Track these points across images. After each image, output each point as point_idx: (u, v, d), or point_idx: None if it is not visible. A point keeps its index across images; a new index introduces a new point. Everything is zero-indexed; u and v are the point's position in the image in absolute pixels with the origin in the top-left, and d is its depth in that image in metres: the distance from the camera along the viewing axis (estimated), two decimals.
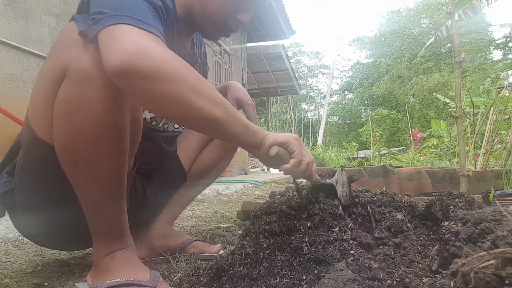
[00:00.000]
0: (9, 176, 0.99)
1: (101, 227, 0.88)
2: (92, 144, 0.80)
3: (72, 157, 0.81)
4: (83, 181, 0.84)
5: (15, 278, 1.07)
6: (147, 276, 0.86)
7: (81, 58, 0.77)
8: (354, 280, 0.72)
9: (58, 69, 0.81)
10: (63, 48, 0.83)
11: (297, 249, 0.86)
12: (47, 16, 3.51)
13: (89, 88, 0.77)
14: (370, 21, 77.51)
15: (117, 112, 0.81)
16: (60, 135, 0.81)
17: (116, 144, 0.83)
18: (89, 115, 0.78)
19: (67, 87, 0.78)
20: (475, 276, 0.59)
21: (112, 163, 0.84)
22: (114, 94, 0.79)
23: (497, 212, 0.90)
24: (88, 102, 0.77)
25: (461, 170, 2.13)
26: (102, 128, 0.79)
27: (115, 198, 0.87)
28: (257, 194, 3.88)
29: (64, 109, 0.79)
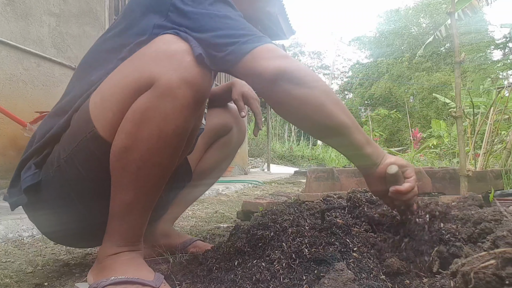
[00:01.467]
0: (36, 167, 0.98)
1: (120, 229, 0.91)
2: (151, 155, 0.84)
3: (125, 160, 0.85)
4: (125, 184, 0.87)
5: (15, 278, 1.07)
6: (151, 277, 0.87)
7: (171, 75, 0.81)
8: (354, 280, 0.72)
9: (144, 78, 0.83)
10: (153, 60, 0.84)
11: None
12: (47, 16, 3.51)
13: (170, 104, 0.82)
14: (370, 21, 77.64)
15: (184, 132, 0.87)
16: (124, 137, 0.84)
17: (170, 159, 0.88)
18: (160, 129, 0.83)
19: (150, 97, 0.82)
20: (475, 276, 0.59)
21: (158, 175, 0.89)
22: (188, 116, 0.85)
23: (497, 212, 0.90)
24: (164, 117, 0.82)
25: (461, 170, 2.13)
26: (166, 143, 0.84)
27: (145, 206, 0.91)
28: (257, 194, 3.88)
29: (138, 116, 0.83)
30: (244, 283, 0.81)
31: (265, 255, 0.87)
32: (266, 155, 12.29)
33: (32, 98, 3.34)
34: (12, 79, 3.15)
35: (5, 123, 2.99)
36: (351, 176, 2.69)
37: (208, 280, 0.87)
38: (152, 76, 0.82)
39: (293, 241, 0.88)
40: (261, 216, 1.12)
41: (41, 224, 1.07)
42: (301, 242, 0.88)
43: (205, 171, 1.37)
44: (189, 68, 0.82)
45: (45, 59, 3.47)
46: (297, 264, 0.82)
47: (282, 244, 0.88)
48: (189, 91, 0.81)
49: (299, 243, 0.87)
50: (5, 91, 3.08)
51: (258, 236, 0.93)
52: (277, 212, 1.11)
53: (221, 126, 1.36)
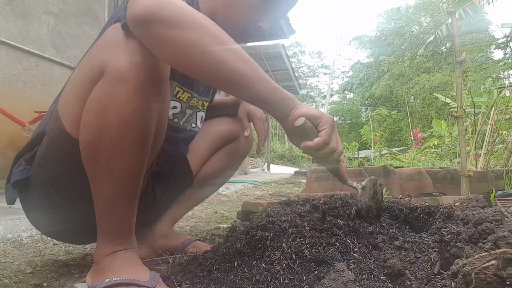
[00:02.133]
0: (27, 163, 1.00)
1: (108, 226, 0.90)
2: (115, 143, 0.82)
3: (93, 153, 0.83)
4: (100, 178, 0.85)
5: (14, 279, 1.07)
6: (146, 277, 0.87)
7: (119, 60, 0.79)
8: (355, 281, 0.72)
9: (96, 67, 0.83)
10: (103, 48, 0.84)
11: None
12: (46, 16, 3.51)
13: (123, 89, 0.79)
14: (370, 20, 77.70)
15: (145, 115, 0.83)
16: (86, 130, 0.83)
17: (138, 146, 0.85)
18: (118, 115, 0.80)
19: (102, 85, 0.81)
20: (476, 277, 0.59)
21: (132, 164, 0.85)
22: (145, 97, 0.81)
23: (498, 213, 0.89)
24: (119, 102, 0.80)
25: (462, 170, 2.12)
26: (127, 128, 0.81)
27: (128, 199, 0.89)
28: (257, 195, 3.88)
29: (95, 106, 0.81)
30: (244, 284, 0.80)
31: (265, 255, 0.87)
32: (266, 155, 12.30)
33: (31, 98, 3.34)
34: (11, 78, 3.15)
35: (4, 123, 2.99)
36: (352, 176, 2.69)
37: (208, 281, 0.87)
38: (102, 63, 0.81)
39: (293, 242, 0.88)
40: (260, 217, 1.11)
41: (33, 219, 1.09)
42: (301, 242, 0.87)
43: (209, 177, 1.37)
44: (137, 50, 0.79)
45: (44, 58, 3.47)
46: (297, 265, 0.82)
47: (282, 244, 0.88)
48: (141, 73, 0.79)
49: (299, 243, 0.87)
50: (4, 91, 3.08)
51: (257, 237, 0.92)
52: (275, 213, 1.11)
53: (228, 132, 1.36)
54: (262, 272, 0.81)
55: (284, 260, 0.83)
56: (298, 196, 2.20)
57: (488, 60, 21.87)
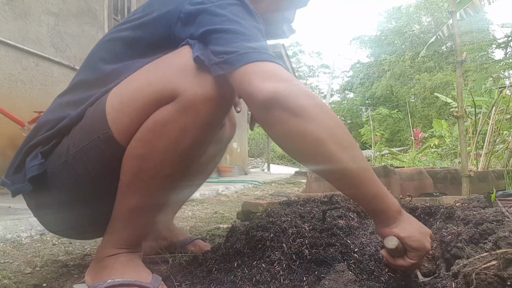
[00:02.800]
0: (42, 157, 0.96)
1: (122, 232, 0.91)
2: (163, 166, 0.84)
3: (138, 168, 0.85)
4: (133, 190, 0.87)
5: (14, 279, 1.07)
6: (149, 278, 0.87)
7: (196, 91, 0.80)
8: (355, 281, 0.72)
9: (168, 90, 0.82)
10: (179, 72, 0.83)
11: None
12: (46, 16, 3.51)
13: (192, 120, 0.81)
14: (371, 19, 77.64)
15: (201, 148, 0.87)
16: (141, 145, 0.84)
17: (182, 172, 0.88)
18: (178, 142, 0.82)
19: (171, 110, 0.81)
20: (476, 277, 0.59)
21: (168, 185, 0.88)
22: (208, 132, 0.85)
23: (499, 213, 0.89)
24: (184, 131, 0.82)
25: (462, 170, 2.12)
26: (181, 157, 0.84)
27: (150, 214, 0.91)
28: (257, 195, 3.87)
29: (159, 127, 0.82)
30: (244, 284, 0.80)
31: (265, 256, 0.86)
32: (266, 155, 12.30)
33: (31, 97, 3.33)
34: (10, 78, 3.15)
35: (4, 123, 2.99)
36: None
37: (208, 281, 0.87)
38: (177, 89, 0.81)
39: (293, 242, 0.88)
40: (260, 217, 1.11)
41: (39, 213, 1.06)
42: (301, 243, 0.87)
43: (199, 167, 1.35)
44: (214, 84, 0.80)
45: (44, 58, 3.47)
46: (298, 265, 0.82)
47: (282, 245, 0.87)
48: (212, 108, 0.81)
49: (300, 244, 0.87)
50: (3, 91, 3.07)
51: (257, 237, 0.92)
52: (275, 213, 1.10)
53: None
54: (262, 273, 0.81)
55: (284, 260, 0.83)
56: (298, 196, 2.20)
57: (489, 59, 21.85)
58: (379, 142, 10.39)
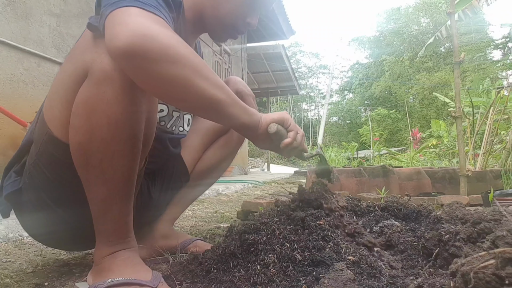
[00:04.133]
0: (17, 175, 0.99)
1: (106, 227, 0.89)
2: (106, 144, 0.81)
3: (85, 155, 0.82)
4: (93, 180, 0.84)
5: (15, 278, 1.07)
6: (148, 276, 0.87)
7: (102, 59, 0.78)
8: (354, 280, 0.72)
9: (80, 69, 0.81)
10: (85, 49, 0.83)
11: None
12: (48, 16, 3.51)
13: (109, 89, 0.78)
14: (370, 20, 77.60)
15: (134, 114, 0.82)
16: (76, 133, 0.82)
17: (129, 145, 0.84)
18: (107, 115, 0.79)
19: (88, 87, 0.80)
20: (474, 276, 0.59)
21: (124, 164, 0.85)
22: (133, 96, 0.80)
23: (497, 212, 0.90)
24: (106, 102, 0.79)
25: (460, 170, 2.13)
26: (117, 129, 0.80)
27: (123, 198, 0.88)
28: (257, 194, 3.88)
29: (82, 108, 0.80)
30: (242, 284, 0.81)
31: (259, 259, 0.86)
32: (266, 155, 12.29)
33: (33, 98, 3.34)
34: (12, 79, 3.15)
35: (6, 123, 2.99)
36: (351, 176, 2.69)
37: (207, 280, 0.87)
38: (85, 64, 0.80)
39: (289, 244, 0.88)
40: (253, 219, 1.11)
41: (30, 230, 1.08)
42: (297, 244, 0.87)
43: (205, 171, 1.36)
44: None
45: (46, 59, 3.47)
46: (295, 266, 0.82)
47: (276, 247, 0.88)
48: (123, 72, 0.77)
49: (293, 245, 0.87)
50: (5, 91, 3.08)
51: (250, 240, 0.92)
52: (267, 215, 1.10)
53: (220, 125, 1.34)
54: (259, 275, 0.81)
55: (278, 263, 0.83)
56: (287, 196, 2.21)
57: (487, 60, 21.89)
58: (378, 142, 10.41)
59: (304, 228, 0.92)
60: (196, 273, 0.92)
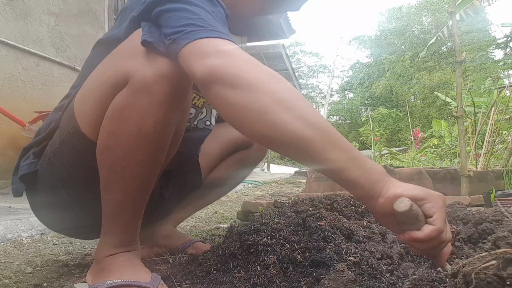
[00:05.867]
0: (35, 157, 1.01)
1: (113, 228, 0.90)
2: (132, 152, 0.82)
3: (109, 159, 0.84)
4: (112, 183, 0.86)
5: (14, 279, 1.07)
6: (148, 278, 0.87)
7: (146, 71, 0.78)
8: (355, 280, 0.72)
9: (120, 74, 0.82)
10: (129, 55, 0.83)
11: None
12: (46, 16, 3.51)
13: (146, 101, 0.79)
14: (371, 19, 77.65)
15: (165, 129, 0.83)
16: (106, 136, 0.83)
17: (154, 156, 0.86)
18: (139, 126, 0.80)
19: (127, 95, 0.80)
20: (476, 277, 0.59)
21: (145, 174, 0.86)
22: (167, 112, 0.81)
23: (498, 213, 0.89)
24: (141, 113, 0.80)
25: (462, 170, 2.13)
26: (146, 140, 0.82)
27: (136, 205, 0.90)
28: (257, 195, 3.87)
29: (117, 114, 0.81)
30: (242, 285, 0.80)
31: (259, 260, 0.86)
32: (267, 155, 12.29)
33: (31, 98, 3.34)
34: (11, 78, 3.15)
35: (4, 123, 2.99)
36: None
37: (207, 281, 0.87)
38: (127, 72, 0.80)
39: (289, 244, 0.88)
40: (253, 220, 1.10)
41: (39, 213, 1.09)
42: (297, 245, 0.87)
43: (217, 182, 1.35)
44: (164, 62, 0.78)
45: (44, 58, 3.47)
46: (295, 266, 0.82)
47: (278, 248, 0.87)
48: (166, 86, 0.78)
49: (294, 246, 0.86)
50: (4, 91, 3.07)
51: (250, 241, 0.91)
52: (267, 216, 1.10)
53: (242, 138, 1.32)
54: (259, 276, 0.81)
55: (278, 264, 0.83)
56: (297, 196, 2.21)
57: (488, 60, 21.88)
58: (379, 142, 10.40)
59: (305, 229, 0.91)
60: (196, 274, 0.92)
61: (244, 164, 1.37)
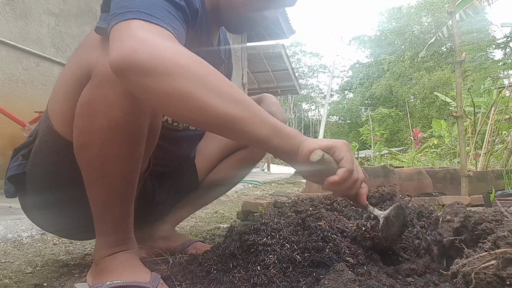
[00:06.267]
0: (24, 158, 1.01)
1: (105, 228, 0.89)
2: (107, 146, 0.80)
3: (87, 157, 0.83)
4: (94, 181, 0.85)
5: (14, 279, 1.07)
6: (147, 278, 0.86)
7: (106, 62, 0.75)
8: (355, 280, 0.72)
9: (84, 68, 0.81)
10: (90, 49, 0.83)
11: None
12: (47, 16, 3.51)
13: (111, 91, 0.77)
14: (371, 19, 77.68)
15: (136, 117, 0.81)
16: (79, 134, 0.82)
17: (131, 149, 0.83)
18: (108, 118, 0.78)
19: (91, 89, 0.79)
20: (476, 277, 0.59)
21: (125, 167, 0.84)
22: (134, 100, 0.79)
23: (498, 213, 0.89)
24: (108, 105, 0.78)
25: (462, 170, 2.13)
26: (118, 132, 0.79)
27: (123, 201, 0.88)
28: (257, 194, 3.88)
29: (85, 110, 0.80)
30: (242, 285, 0.80)
31: (259, 260, 0.86)
32: (266, 155, 12.28)
33: (31, 98, 3.34)
34: (11, 79, 3.15)
35: (5, 123, 2.99)
36: None
37: (207, 281, 0.87)
38: (89, 64, 0.80)
39: (289, 245, 0.88)
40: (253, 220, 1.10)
41: (30, 214, 1.09)
42: (296, 245, 0.87)
43: (216, 182, 1.34)
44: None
45: (45, 58, 3.47)
46: (295, 267, 0.82)
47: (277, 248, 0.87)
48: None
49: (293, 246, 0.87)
50: (4, 91, 3.08)
51: (250, 241, 0.91)
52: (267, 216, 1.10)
53: None
54: (259, 275, 0.81)
55: (278, 264, 0.83)
56: (297, 196, 2.21)
57: (488, 60, 21.88)
58: (379, 142, 10.40)
59: (305, 229, 0.91)
60: (196, 273, 0.92)
61: (243, 164, 1.36)
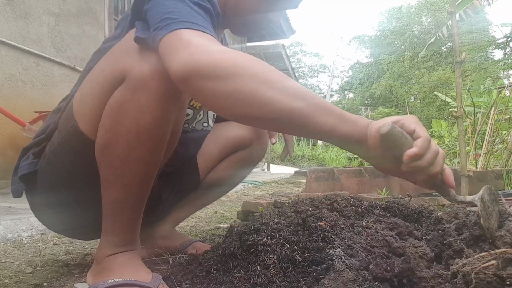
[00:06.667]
0: (34, 157, 1.01)
1: (114, 227, 0.90)
2: (132, 149, 0.83)
3: (109, 157, 0.84)
4: (112, 181, 0.86)
5: (14, 279, 1.07)
6: (149, 278, 0.87)
7: (142, 67, 0.79)
8: (355, 280, 0.72)
9: (117, 72, 0.82)
10: (126, 52, 0.83)
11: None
12: (47, 16, 3.51)
13: (144, 97, 0.79)
14: (371, 19, 77.68)
15: (164, 124, 0.84)
16: (104, 133, 0.84)
17: (153, 152, 0.86)
18: (137, 122, 0.81)
19: (124, 91, 0.81)
20: (476, 277, 0.59)
21: (145, 170, 0.87)
22: (165, 107, 0.81)
23: None
24: (139, 109, 0.80)
25: (462, 170, 2.13)
26: (145, 136, 0.82)
27: (136, 203, 0.90)
28: (257, 195, 3.87)
29: (115, 111, 0.82)
30: (242, 285, 0.80)
31: (259, 260, 0.86)
32: (266, 155, 12.29)
33: (31, 98, 3.34)
34: (11, 79, 3.15)
35: (5, 123, 2.99)
36: (352, 176, 2.69)
37: (207, 281, 0.87)
38: (124, 68, 0.81)
39: (289, 245, 0.88)
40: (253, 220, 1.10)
41: (39, 213, 1.10)
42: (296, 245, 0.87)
43: (216, 182, 1.35)
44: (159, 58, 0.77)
45: (45, 58, 3.47)
46: (295, 267, 0.82)
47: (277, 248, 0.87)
48: (162, 82, 0.78)
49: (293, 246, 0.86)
50: (4, 91, 3.08)
51: (250, 241, 0.91)
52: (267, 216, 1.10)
53: (241, 138, 1.33)
54: (259, 275, 0.81)
55: (278, 264, 0.83)
56: (297, 196, 2.21)
57: (488, 60, 21.87)
58: None
59: (305, 229, 0.91)
60: (196, 273, 0.92)
61: (243, 164, 1.37)
